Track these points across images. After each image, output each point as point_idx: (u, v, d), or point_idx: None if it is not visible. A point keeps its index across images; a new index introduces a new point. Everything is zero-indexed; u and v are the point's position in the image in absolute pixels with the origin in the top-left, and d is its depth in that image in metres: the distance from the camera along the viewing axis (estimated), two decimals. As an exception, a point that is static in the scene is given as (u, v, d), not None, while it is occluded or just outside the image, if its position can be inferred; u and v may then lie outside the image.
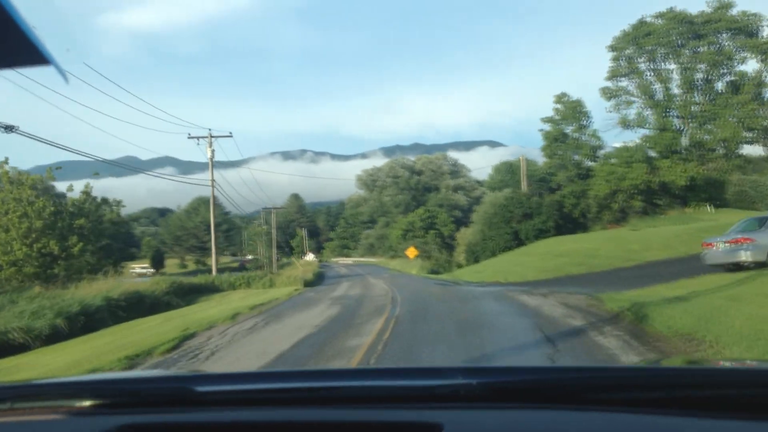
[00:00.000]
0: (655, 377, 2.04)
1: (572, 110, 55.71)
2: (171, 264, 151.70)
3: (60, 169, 43.39)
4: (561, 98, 56.67)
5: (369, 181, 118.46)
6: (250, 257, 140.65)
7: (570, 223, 54.79)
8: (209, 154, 43.88)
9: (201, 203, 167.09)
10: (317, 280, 56.15)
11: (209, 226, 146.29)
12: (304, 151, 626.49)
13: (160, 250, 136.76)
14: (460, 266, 63.52)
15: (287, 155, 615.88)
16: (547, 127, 57.19)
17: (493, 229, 55.05)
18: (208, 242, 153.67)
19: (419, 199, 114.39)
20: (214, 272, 45.69)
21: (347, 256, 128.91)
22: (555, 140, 55.83)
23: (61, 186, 47.51)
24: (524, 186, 59.74)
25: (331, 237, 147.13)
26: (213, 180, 44.71)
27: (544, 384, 1.97)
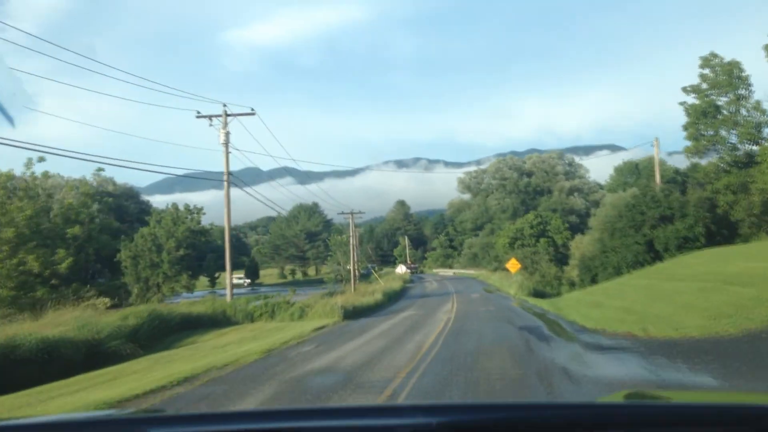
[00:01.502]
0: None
1: (727, 75, 40.00)
2: (270, 274, 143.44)
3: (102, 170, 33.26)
4: (709, 61, 41.00)
5: (472, 183, 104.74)
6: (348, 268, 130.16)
7: (726, 228, 39.34)
8: (222, 138, 31.97)
9: (301, 210, 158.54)
10: (389, 300, 44.08)
11: (309, 234, 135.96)
12: (417, 159, 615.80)
13: (254, 259, 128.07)
14: (572, 284, 49.16)
15: (401, 163, 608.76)
16: (691, 99, 41.38)
17: (617, 238, 40.47)
18: (308, 251, 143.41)
19: (529, 203, 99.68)
20: (228, 296, 33.77)
21: (449, 266, 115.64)
22: (703, 115, 40.13)
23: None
24: (658, 178, 44.74)
25: (434, 246, 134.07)
26: (228, 173, 32.71)
27: (505, 423, 1.92)
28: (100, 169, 78.57)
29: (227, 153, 32.09)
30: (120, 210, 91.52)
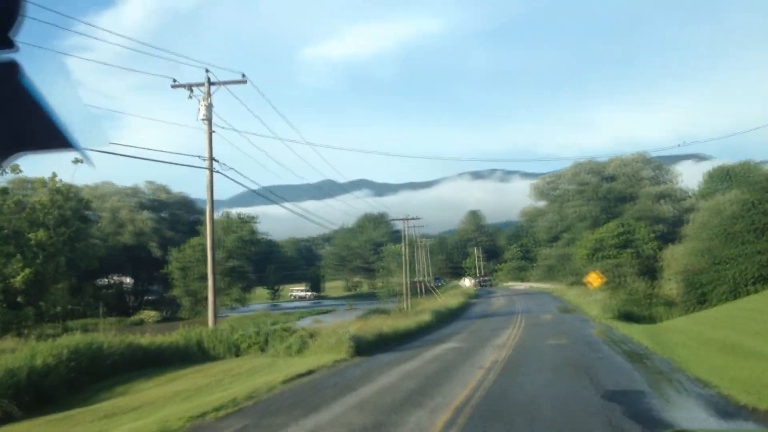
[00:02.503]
0: None
1: None
2: (336, 286, 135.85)
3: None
4: None
5: (547, 189, 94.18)
6: (419, 279, 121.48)
7: None
8: (202, 112, 23.82)
9: (367, 221, 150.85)
10: (437, 322, 35.60)
11: (376, 245, 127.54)
12: (493, 171, 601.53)
13: (317, 271, 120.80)
14: (669, 305, 39.06)
15: (477, 175, 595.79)
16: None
17: (733, 246, 30.36)
18: (374, 263, 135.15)
19: (611, 210, 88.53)
20: (210, 321, 25.44)
21: (522, 279, 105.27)
22: None
23: None
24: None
25: (506, 258, 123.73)
26: (211, 157, 24.46)
27: None
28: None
29: (210, 132, 23.96)
30: (174, 220, 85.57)
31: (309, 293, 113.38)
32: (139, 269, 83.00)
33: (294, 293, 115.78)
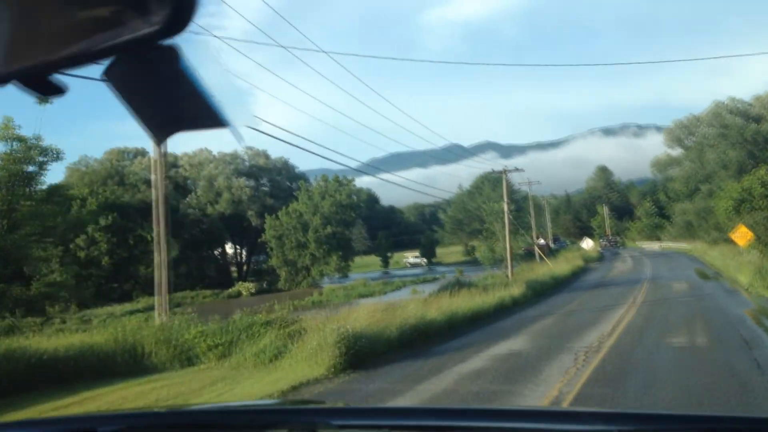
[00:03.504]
0: None
1: None
2: (453, 252, 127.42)
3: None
4: None
5: (683, 135, 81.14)
6: (542, 241, 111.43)
7: None
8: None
9: (485, 181, 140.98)
10: (530, 297, 27.37)
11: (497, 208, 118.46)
12: (626, 126, 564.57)
13: (430, 237, 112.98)
14: None
15: (608, 131, 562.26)
16: None
17: None
18: (491, 225, 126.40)
19: (759, 155, 74.78)
20: (157, 316, 17.89)
21: (657, 238, 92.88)
22: None
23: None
24: None
25: (638, 215, 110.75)
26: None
27: None
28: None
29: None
30: (274, 186, 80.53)
31: (423, 260, 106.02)
32: (240, 239, 78.76)
33: (408, 260, 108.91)
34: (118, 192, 69.27)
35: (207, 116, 1.05)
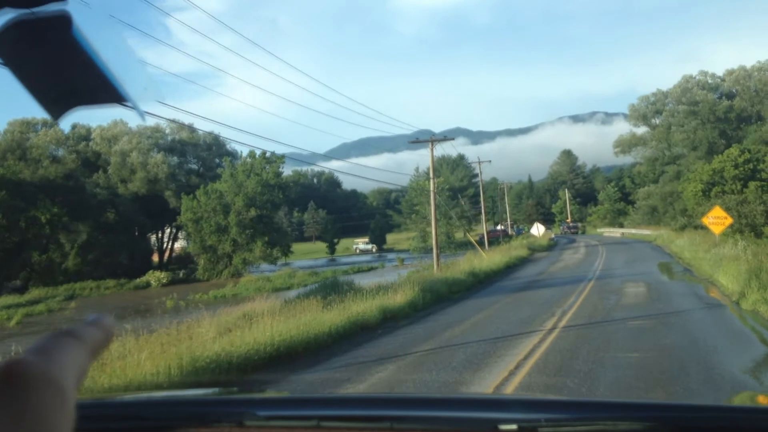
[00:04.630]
0: None
1: None
2: (406, 239, 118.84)
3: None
4: None
5: (648, 112, 72.84)
6: (500, 227, 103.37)
7: None
8: None
9: (443, 163, 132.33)
10: (443, 298, 17.39)
11: (453, 191, 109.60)
12: (594, 113, 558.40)
13: (380, 222, 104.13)
14: None
15: (576, 118, 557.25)
16: None
17: None
18: (451, 209, 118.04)
19: (731, 134, 66.98)
20: None
21: (620, 225, 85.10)
22: None
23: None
24: None
25: (600, 200, 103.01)
26: None
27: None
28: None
29: None
30: (202, 164, 71.09)
31: (373, 246, 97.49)
32: (161, 222, 69.25)
33: (358, 246, 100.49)
34: (15, 167, 59.51)
35: (105, 90, 0.95)
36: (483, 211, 65.16)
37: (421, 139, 35.46)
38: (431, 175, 35.96)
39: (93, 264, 60.91)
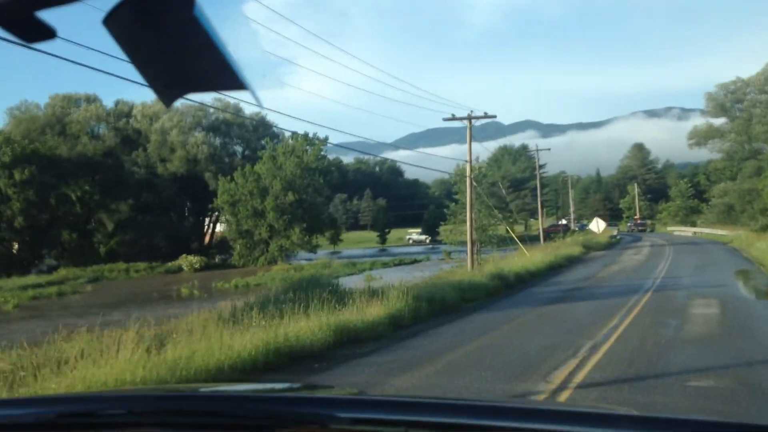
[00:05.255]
0: None
1: None
2: (462, 230, 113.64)
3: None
4: None
5: (727, 101, 65.19)
6: (563, 222, 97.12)
7: None
8: None
9: (505, 153, 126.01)
10: (448, 310, 12.13)
11: (515, 183, 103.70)
12: (669, 108, 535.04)
13: (434, 213, 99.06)
14: None
15: (651, 113, 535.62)
16: None
17: None
18: (512, 202, 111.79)
19: (822, 127, 58.95)
20: None
21: (692, 224, 77.58)
22: None
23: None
24: None
25: (672, 197, 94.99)
26: None
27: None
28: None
29: None
30: (247, 145, 67.61)
31: (426, 237, 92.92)
32: (201, 204, 66.00)
33: (411, 237, 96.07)
34: (51, 143, 57.30)
35: (223, 76, 0.89)
36: (539, 203, 59.27)
37: (457, 116, 30.28)
38: (468, 158, 30.82)
39: (129, 245, 58.29)
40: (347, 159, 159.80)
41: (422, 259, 56.50)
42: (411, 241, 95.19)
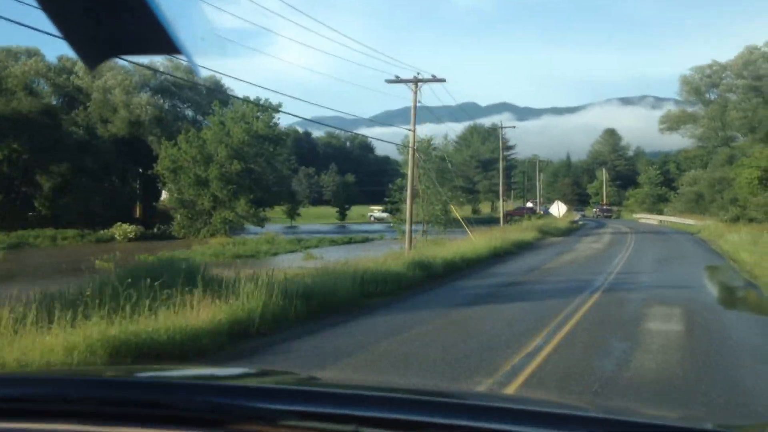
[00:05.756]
0: None
1: None
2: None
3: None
4: None
5: (702, 85, 61.74)
6: (529, 205, 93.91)
7: None
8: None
9: (474, 132, 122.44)
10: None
11: (483, 163, 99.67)
12: (644, 97, 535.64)
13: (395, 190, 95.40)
14: None
15: (626, 101, 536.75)
16: None
17: None
18: (479, 183, 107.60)
19: (798, 116, 55.69)
20: None
21: (659, 212, 74.67)
22: None
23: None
24: None
25: (640, 183, 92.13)
26: None
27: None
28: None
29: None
30: (197, 109, 62.87)
31: (389, 215, 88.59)
32: (144, 169, 61.18)
33: (373, 215, 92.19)
34: (-16, 99, 52.22)
35: (155, 39, 0.80)
36: (501, 184, 55.68)
37: (402, 78, 26.20)
38: (412, 126, 26.81)
39: (64, 210, 53.47)
40: (319, 133, 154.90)
41: (375, 238, 52.49)
42: (373, 219, 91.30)
